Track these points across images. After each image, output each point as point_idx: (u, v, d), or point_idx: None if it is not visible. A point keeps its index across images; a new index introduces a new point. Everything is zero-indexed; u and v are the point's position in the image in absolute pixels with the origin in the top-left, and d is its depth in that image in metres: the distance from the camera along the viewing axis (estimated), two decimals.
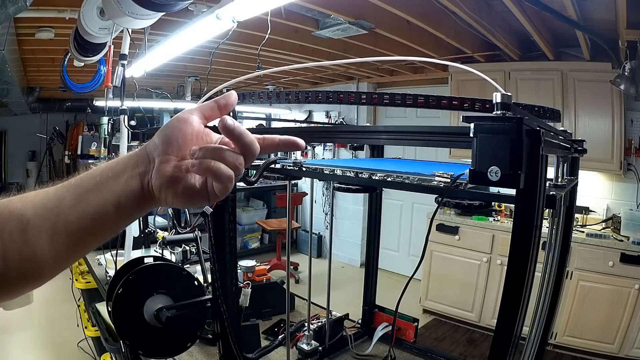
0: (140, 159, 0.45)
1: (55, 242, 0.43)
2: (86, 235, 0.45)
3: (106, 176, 0.45)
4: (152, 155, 0.45)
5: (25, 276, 0.44)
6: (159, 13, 1.52)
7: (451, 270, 3.69)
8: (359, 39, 3.16)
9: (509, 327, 0.60)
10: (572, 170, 1.09)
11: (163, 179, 0.44)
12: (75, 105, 5.83)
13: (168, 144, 0.44)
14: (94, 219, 0.44)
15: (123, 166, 0.46)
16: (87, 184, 0.45)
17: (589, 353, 3.04)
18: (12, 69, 2.90)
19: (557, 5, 2.44)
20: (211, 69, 3.39)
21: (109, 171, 0.46)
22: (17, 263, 0.42)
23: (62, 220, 0.43)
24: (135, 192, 0.45)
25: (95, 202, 0.44)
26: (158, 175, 0.44)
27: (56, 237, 0.43)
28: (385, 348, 1.50)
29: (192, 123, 0.46)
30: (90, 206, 0.44)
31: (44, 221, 0.43)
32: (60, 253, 0.44)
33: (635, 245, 2.88)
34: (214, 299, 1.12)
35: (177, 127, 0.45)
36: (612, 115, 3.21)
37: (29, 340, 3.27)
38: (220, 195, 0.44)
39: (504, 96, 0.55)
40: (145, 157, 0.45)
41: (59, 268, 0.45)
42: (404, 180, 0.82)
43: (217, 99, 0.48)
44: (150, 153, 0.45)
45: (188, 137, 0.45)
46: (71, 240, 0.44)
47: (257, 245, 5.74)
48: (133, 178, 0.45)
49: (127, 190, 0.45)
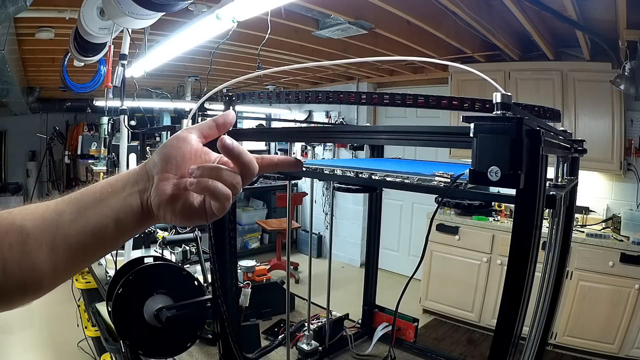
0: (140, 176, 0.46)
1: (55, 255, 0.44)
2: (85, 249, 0.45)
3: (106, 192, 0.46)
4: (151, 173, 0.46)
5: (25, 288, 0.44)
6: (159, 13, 1.52)
7: (451, 270, 3.69)
8: (359, 39, 3.16)
9: (509, 327, 0.60)
10: (572, 170, 1.09)
11: (162, 197, 0.45)
12: (75, 105, 5.83)
13: (167, 162, 0.45)
14: (94, 234, 0.45)
15: (123, 183, 0.46)
16: (87, 199, 0.46)
17: (589, 353, 3.04)
18: (12, 69, 2.90)
19: (557, 5, 2.44)
20: (211, 69, 3.40)
21: (108, 187, 0.46)
22: (17, 275, 0.42)
23: (62, 234, 0.44)
24: (134, 209, 0.45)
25: (94, 218, 0.45)
26: (157, 193, 0.45)
27: (56, 250, 0.44)
28: (385, 348, 1.50)
29: (190, 142, 0.47)
30: (90, 221, 0.45)
31: (43, 234, 0.43)
32: (59, 266, 0.44)
33: (635, 245, 2.88)
34: (214, 299, 1.12)
35: (175, 145, 0.46)
36: (612, 115, 3.21)
37: (29, 340, 3.27)
38: (218, 214, 0.45)
39: (504, 96, 0.55)
40: (145, 174, 0.46)
41: (58, 281, 0.46)
42: (404, 180, 0.82)
43: (216, 118, 0.49)
44: (150, 171, 0.46)
45: (187, 156, 0.46)
46: (70, 254, 0.45)
47: (257, 245, 5.74)
48: (132, 195, 0.46)
49: (126, 206, 0.45)
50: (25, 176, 6.15)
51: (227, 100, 1.07)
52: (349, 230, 5.38)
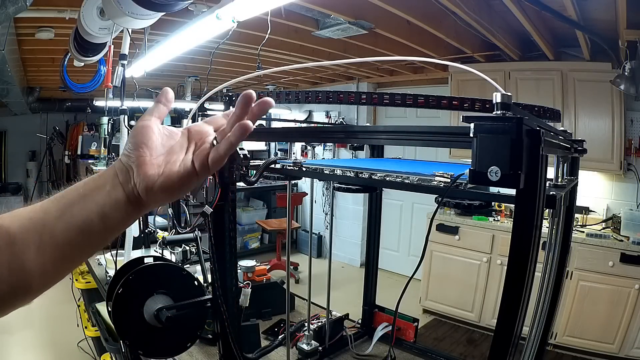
0: (119, 169, 0.48)
1: (42, 254, 0.44)
2: (72, 247, 0.46)
3: (89, 188, 0.47)
4: (127, 164, 0.47)
5: (14, 292, 0.44)
6: (159, 13, 1.52)
7: (451, 270, 3.69)
8: (359, 39, 3.16)
9: (509, 327, 0.60)
10: (572, 170, 1.09)
11: (147, 179, 0.46)
12: (75, 105, 5.83)
13: (139, 148, 0.47)
14: (80, 230, 0.46)
15: (104, 178, 0.48)
16: (71, 196, 0.47)
17: (589, 353, 3.04)
18: (12, 69, 2.90)
19: (557, 5, 2.44)
20: (211, 69, 3.40)
21: (91, 182, 0.48)
22: (6, 277, 0.43)
23: (48, 232, 0.45)
24: (119, 201, 0.47)
25: (80, 214, 0.46)
26: (141, 178, 0.46)
27: (43, 248, 0.44)
28: (385, 348, 1.50)
29: (151, 125, 0.49)
30: (75, 217, 0.45)
31: (30, 233, 0.44)
32: (47, 267, 0.45)
33: (635, 245, 2.88)
34: (214, 299, 1.12)
35: (140, 132, 0.49)
36: (612, 115, 3.21)
37: (29, 340, 3.27)
38: (214, 165, 0.48)
39: (504, 96, 0.55)
40: (122, 167, 0.48)
41: (46, 282, 0.46)
42: (404, 180, 0.82)
43: (157, 98, 0.53)
44: (126, 163, 0.48)
45: (154, 137, 0.49)
46: (58, 253, 0.45)
47: (257, 245, 5.74)
48: (115, 187, 0.47)
49: (111, 200, 0.47)
50: (25, 176, 6.15)
51: (227, 100, 1.07)
52: (349, 230, 5.38)
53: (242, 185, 1.11)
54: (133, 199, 0.47)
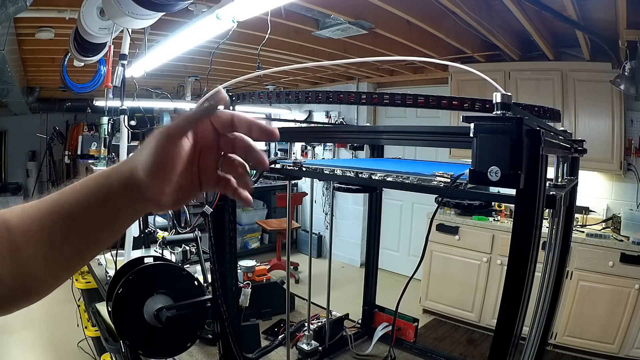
0: (125, 187, 0.43)
1: (44, 245, 0.44)
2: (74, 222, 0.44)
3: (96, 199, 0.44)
4: (137, 184, 0.42)
5: (18, 290, 0.44)
6: (159, 13, 1.52)
7: (451, 270, 3.69)
8: (359, 39, 3.16)
9: (509, 327, 0.60)
10: (572, 170, 1.09)
11: (158, 207, 0.45)
12: (75, 105, 5.83)
13: (158, 178, 0.42)
14: (84, 205, 0.43)
15: (109, 192, 0.44)
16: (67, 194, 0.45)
17: (589, 353, 3.04)
18: (12, 69, 2.90)
19: (557, 5, 2.44)
20: (211, 69, 3.39)
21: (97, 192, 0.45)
22: (8, 269, 0.43)
23: (51, 221, 0.44)
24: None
25: (78, 195, 0.44)
26: (151, 207, 0.45)
27: (43, 240, 0.44)
28: (385, 348, 1.50)
29: (184, 146, 0.43)
30: (73, 199, 0.44)
31: (26, 224, 0.44)
32: (52, 260, 0.44)
33: (635, 245, 2.88)
34: (214, 299, 1.12)
35: (167, 153, 0.41)
36: (612, 115, 3.21)
37: (29, 340, 3.27)
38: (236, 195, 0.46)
39: (504, 96, 0.55)
40: (131, 185, 0.43)
41: (53, 279, 0.46)
42: (404, 180, 0.82)
43: (211, 105, 0.46)
44: (137, 181, 0.42)
45: (179, 164, 0.43)
46: (63, 242, 0.44)
47: (257, 245, 5.74)
48: (121, 200, 0.44)
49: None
50: (25, 176, 6.15)
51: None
52: (349, 230, 5.38)
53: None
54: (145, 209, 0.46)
